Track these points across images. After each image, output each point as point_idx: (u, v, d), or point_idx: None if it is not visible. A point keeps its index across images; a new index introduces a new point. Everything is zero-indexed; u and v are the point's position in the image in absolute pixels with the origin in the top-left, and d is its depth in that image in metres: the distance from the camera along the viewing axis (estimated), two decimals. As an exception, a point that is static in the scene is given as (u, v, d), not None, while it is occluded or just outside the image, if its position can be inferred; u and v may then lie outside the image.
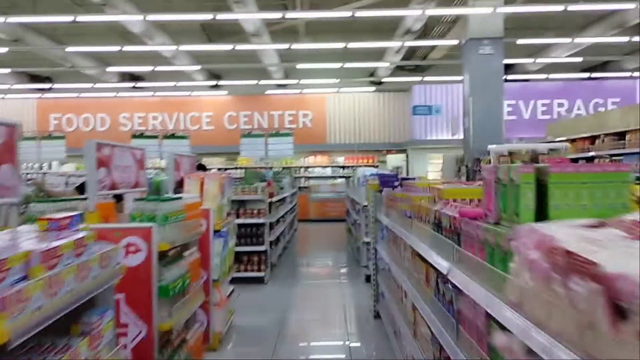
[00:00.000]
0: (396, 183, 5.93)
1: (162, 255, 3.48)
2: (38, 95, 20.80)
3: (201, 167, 9.05)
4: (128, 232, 3.37)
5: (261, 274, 8.27)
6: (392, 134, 21.40)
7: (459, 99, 19.53)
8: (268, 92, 20.73)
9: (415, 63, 17.84)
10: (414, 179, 6.10)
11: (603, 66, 20.00)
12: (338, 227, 16.31)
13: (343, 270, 9.34)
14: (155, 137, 12.05)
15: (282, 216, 10.89)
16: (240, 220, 8.19)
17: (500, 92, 13.80)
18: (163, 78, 19.27)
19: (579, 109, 19.72)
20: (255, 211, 8.29)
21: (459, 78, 19.39)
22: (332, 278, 8.72)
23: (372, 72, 19.87)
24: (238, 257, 8.37)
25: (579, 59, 16.89)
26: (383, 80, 19.95)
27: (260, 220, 8.24)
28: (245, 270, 8.28)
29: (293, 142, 12.56)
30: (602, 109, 19.67)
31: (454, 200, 3.01)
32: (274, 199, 9.23)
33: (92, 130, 21.17)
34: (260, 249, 8.26)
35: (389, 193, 5.40)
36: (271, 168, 18.23)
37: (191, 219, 4.11)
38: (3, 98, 21.33)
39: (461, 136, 19.13)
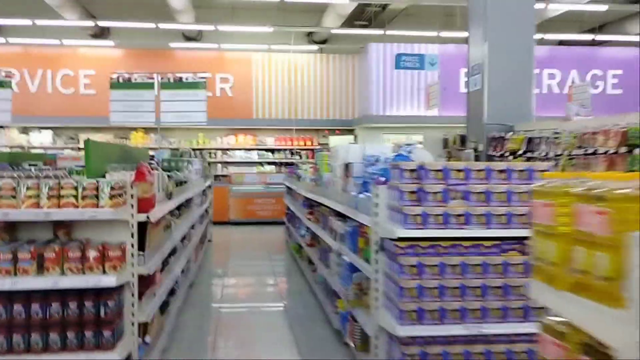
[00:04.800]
0: None
1: None
2: None
3: None
4: None
5: None
6: (338, 109, 16.38)
7: (440, 61, 14.74)
8: (173, 45, 15.03)
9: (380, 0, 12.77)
10: None
11: (600, 29, 15.90)
12: (274, 236, 11.09)
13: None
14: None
15: (183, 239, 5.54)
16: (30, 283, 2.82)
17: (530, 39, 9.11)
18: (10, 12, 13.16)
19: (572, 82, 15.47)
20: (94, 254, 2.93)
21: (432, 34, 14.69)
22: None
23: (315, 24, 14.69)
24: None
25: (602, 7, 12.48)
26: (332, 31, 14.81)
27: (105, 280, 2.90)
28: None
29: (206, 100, 7.17)
30: (600, 82, 15.69)
31: None
32: (157, 211, 3.86)
33: None
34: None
35: None
36: (177, 149, 12.62)
37: None
38: None
39: (437, 113, 14.51)
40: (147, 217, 3.44)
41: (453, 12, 14.50)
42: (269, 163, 15.15)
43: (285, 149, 15.45)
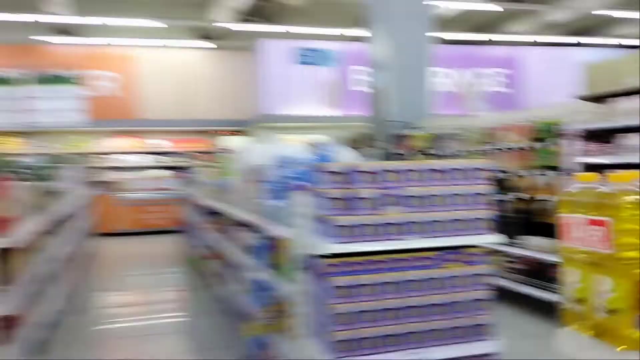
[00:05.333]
0: None
1: None
2: None
3: None
4: None
5: None
6: (234, 109, 15.66)
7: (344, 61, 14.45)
8: (49, 39, 13.59)
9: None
10: None
11: (489, 29, 16.44)
12: (168, 248, 10.20)
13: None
14: None
15: (60, 259, 4.69)
16: None
17: (428, 37, 9.01)
18: None
19: (465, 80, 15.81)
20: None
21: (328, 31, 14.43)
22: None
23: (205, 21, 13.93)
24: None
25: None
26: (225, 27, 14.13)
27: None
28: None
29: (80, 97, 6.29)
30: (491, 81, 16.18)
31: None
32: (20, 232, 3.10)
33: None
34: None
35: None
36: (54, 155, 11.35)
37: None
38: None
39: (336, 111, 14.26)
40: (5, 242, 2.68)
41: (348, 10, 14.32)
42: (162, 167, 14.15)
43: (179, 152, 14.53)
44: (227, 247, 4.88)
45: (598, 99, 5.14)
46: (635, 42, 15.65)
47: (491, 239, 2.71)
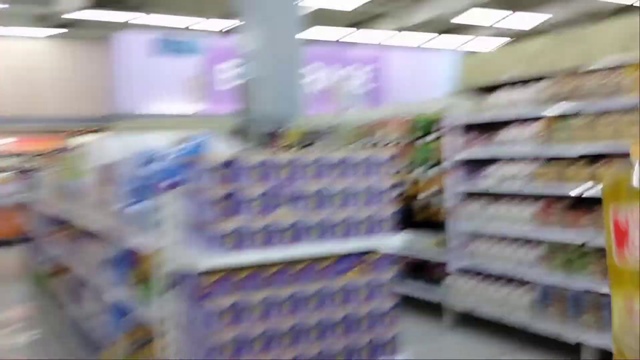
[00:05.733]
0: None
1: None
2: None
3: None
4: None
5: None
6: (87, 106, 14.35)
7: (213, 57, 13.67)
8: None
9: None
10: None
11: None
12: (7, 262, 8.88)
13: None
14: None
15: None
16: None
17: (295, 31, 8.67)
18: None
19: (328, 78, 15.80)
20: None
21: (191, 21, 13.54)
22: None
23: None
24: None
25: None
26: (73, 14, 12.81)
27: None
28: None
29: None
30: (352, 80, 16.33)
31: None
32: None
33: None
34: None
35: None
36: None
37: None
38: None
39: (201, 109, 13.49)
40: None
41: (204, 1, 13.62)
42: (2, 170, 12.52)
43: (23, 153, 12.98)
44: (78, 260, 4.12)
45: (474, 92, 5.09)
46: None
47: (396, 241, 2.36)
